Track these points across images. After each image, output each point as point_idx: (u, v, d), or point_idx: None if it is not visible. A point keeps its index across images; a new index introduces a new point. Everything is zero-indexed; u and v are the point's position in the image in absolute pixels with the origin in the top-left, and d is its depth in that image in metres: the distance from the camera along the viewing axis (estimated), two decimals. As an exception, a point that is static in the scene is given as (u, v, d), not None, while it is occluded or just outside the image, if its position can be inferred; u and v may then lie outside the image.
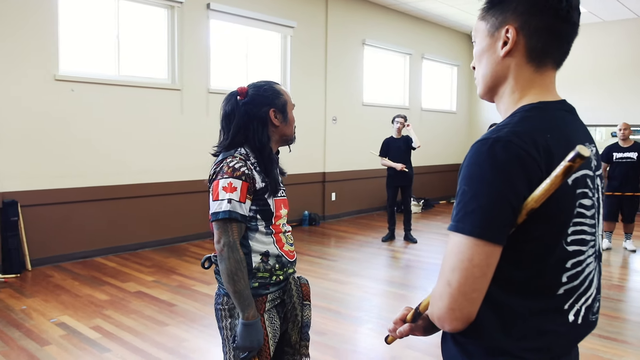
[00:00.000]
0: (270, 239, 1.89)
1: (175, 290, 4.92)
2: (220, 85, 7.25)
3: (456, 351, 1.13)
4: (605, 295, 5.05)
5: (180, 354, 3.55)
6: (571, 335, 1.10)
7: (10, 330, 3.92)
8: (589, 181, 1.08)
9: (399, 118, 7.30)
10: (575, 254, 1.07)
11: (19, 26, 5.38)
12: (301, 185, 8.28)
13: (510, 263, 1.03)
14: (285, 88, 2.01)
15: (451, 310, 1.02)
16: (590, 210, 1.08)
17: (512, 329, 1.05)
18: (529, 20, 1.09)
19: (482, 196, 0.98)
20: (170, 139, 6.68)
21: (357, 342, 3.87)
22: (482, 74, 1.18)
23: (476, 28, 1.20)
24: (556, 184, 0.94)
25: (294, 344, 1.93)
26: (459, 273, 1.00)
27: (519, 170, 0.98)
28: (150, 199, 6.55)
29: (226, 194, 1.77)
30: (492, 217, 0.98)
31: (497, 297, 1.04)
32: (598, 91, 10.53)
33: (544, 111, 1.09)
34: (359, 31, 9.30)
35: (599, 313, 1.18)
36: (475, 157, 1.01)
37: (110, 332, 3.90)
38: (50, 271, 5.50)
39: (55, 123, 5.69)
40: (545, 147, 1.00)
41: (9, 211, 5.33)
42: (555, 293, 1.06)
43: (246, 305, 1.77)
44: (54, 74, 5.63)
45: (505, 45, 1.11)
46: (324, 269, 5.80)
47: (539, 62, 1.11)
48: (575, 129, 1.13)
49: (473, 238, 0.98)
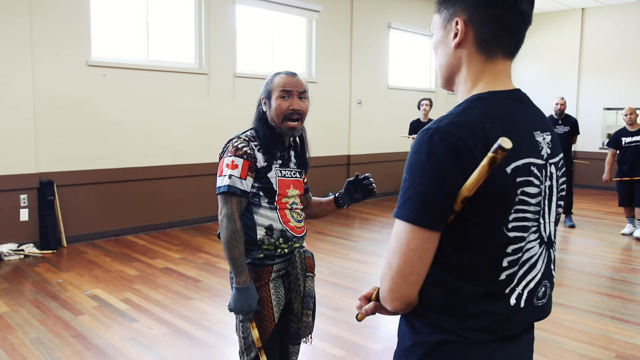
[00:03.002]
0: (275, 214, 2.05)
1: (201, 267, 5.15)
2: (246, 69, 7.41)
3: (406, 327, 1.20)
4: (622, 278, 5.08)
5: (203, 326, 3.77)
6: (515, 318, 1.13)
7: (47, 301, 4.20)
8: (534, 169, 1.10)
9: (425, 100, 7.35)
10: (516, 240, 1.10)
11: (54, 15, 5.62)
12: (326, 167, 8.41)
13: (453, 248, 1.08)
14: (291, 76, 2.07)
15: (391, 291, 1.09)
16: (535, 198, 1.10)
17: (456, 310, 1.09)
18: (476, 12, 1.11)
19: (418, 184, 1.03)
20: (197, 122, 6.89)
21: (371, 318, 4.01)
22: (438, 65, 1.23)
23: (433, 21, 1.23)
24: (483, 174, 0.96)
25: (297, 312, 2.09)
26: (398, 257, 1.06)
27: (454, 160, 1.01)
28: (178, 180, 6.79)
29: (228, 170, 1.97)
30: (426, 205, 1.02)
31: (442, 279, 1.09)
32: (625, 75, 10.38)
33: (490, 101, 1.11)
34: (384, 14, 9.32)
35: (547, 299, 1.20)
36: (417, 147, 1.06)
37: (138, 305, 4.14)
38: (84, 248, 5.80)
39: (88, 107, 5.95)
40: (483, 137, 1.03)
41: (46, 191, 5.62)
42: (497, 278, 1.09)
43: (239, 271, 1.96)
44: (86, 59, 5.88)
45: (456, 36, 1.14)
46: (345, 249, 5.95)
47: (488, 52, 1.14)
48: (523, 118, 1.14)
49: (409, 224, 1.04)
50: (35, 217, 5.66)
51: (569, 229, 7.14)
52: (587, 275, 5.16)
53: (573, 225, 7.26)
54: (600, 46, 10.73)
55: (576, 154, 10.57)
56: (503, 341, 1.13)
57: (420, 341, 1.15)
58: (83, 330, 3.64)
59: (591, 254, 5.95)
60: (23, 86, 5.46)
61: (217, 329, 3.73)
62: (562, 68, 11.08)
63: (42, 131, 5.66)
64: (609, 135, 10.17)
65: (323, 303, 4.10)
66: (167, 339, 3.55)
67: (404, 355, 1.19)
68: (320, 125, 7.78)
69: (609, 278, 5.08)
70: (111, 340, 3.51)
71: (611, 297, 4.52)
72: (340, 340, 3.57)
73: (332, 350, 3.42)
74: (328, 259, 5.49)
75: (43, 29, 5.57)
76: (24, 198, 5.58)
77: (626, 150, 6.73)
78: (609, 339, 3.65)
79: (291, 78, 2.06)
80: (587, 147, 10.71)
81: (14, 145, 5.46)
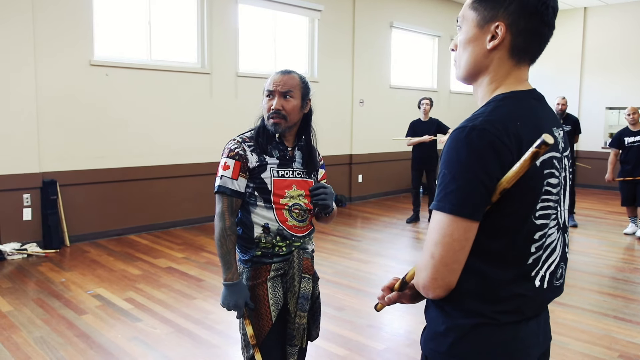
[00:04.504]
0: (271, 214, 2.06)
1: (204, 267, 5.15)
2: (248, 68, 7.41)
3: (437, 313, 1.26)
4: (625, 278, 5.08)
5: (206, 325, 3.78)
6: (539, 298, 1.23)
7: (51, 300, 4.21)
8: (555, 162, 1.21)
9: (425, 100, 7.34)
10: (542, 227, 1.20)
11: (57, 14, 5.63)
12: (328, 167, 8.32)
13: (487, 235, 1.15)
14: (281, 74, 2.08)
15: (434, 279, 1.15)
16: (556, 188, 1.21)
17: (488, 294, 1.18)
18: (517, 21, 1.18)
19: (460, 178, 1.11)
20: (200, 121, 6.90)
21: (374, 317, 4.02)
22: (465, 60, 1.27)
23: (464, 15, 1.26)
24: (525, 167, 1.05)
25: (292, 312, 2.10)
26: (441, 247, 1.13)
27: (492, 155, 1.09)
28: (181, 180, 6.80)
29: (222, 171, 2.06)
30: (468, 197, 1.10)
31: (476, 266, 1.17)
32: (627, 74, 10.36)
33: (515, 100, 1.20)
34: (386, 13, 9.32)
35: (563, 279, 1.31)
36: (454, 144, 1.13)
37: (141, 304, 4.15)
38: (87, 247, 5.81)
39: (91, 106, 5.97)
40: (516, 133, 1.12)
41: (49, 190, 5.63)
42: (525, 262, 1.19)
43: (227, 268, 2.02)
44: (89, 59, 5.89)
45: (493, 39, 1.20)
46: (347, 249, 5.95)
47: (519, 59, 1.22)
48: (543, 116, 1.24)
49: (452, 216, 1.11)
50: (38, 216, 5.67)
51: (571, 229, 7.13)
52: (590, 275, 5.15)
53: (575, 225, 7.26)
54: (602, 45, 10.72)
55: (578, 154, 10.58)
56: (528, 320, 1.23)
57: (453, 325, 1.22)
58: (86, 330, 3.66)
59: (593, 253, 5.94)
60: (26, 85, 5.47)
61: (220, 328, 3.74)
62: (564, 67, 11.07)
63: (45, 130, 5.67)
64: (611, 134, 10.16)
65: (325, 302, 4.10)
66: (170, 338, 3.56)
67: (436, 339, 1.26)
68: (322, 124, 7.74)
69: (612, 278, 5.08)
70: (114, 340, 3.52)
71: (614, 297, 4.52)
72: (343, 340, 3.57)
73: (335, 349, 3.43)
74: (330, 259, 5.50)
75: (46, 28, 5.58)
76: (27, 197, 5.59)
77: (629, 149, 6.72)
78: (611, 339, 3.65)
79: (280, 77, 2.07)
80: (589, 147, 10.70)
81: (17, 145, 5.47)
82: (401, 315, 4.04)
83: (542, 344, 1.29)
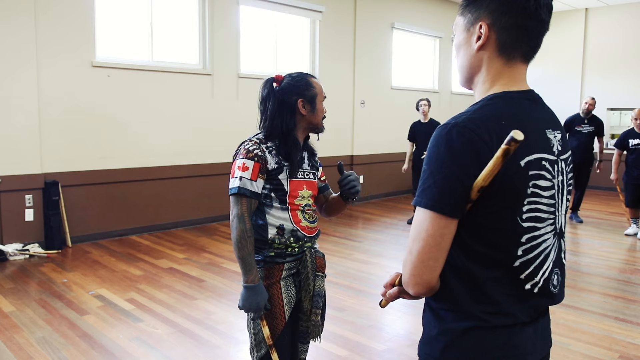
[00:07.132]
0: (286, 215, 2.08)
1: (205, 267, 5.17)
2: (250, 70, 7.43)
3: (431, 316, 1.26)
4: (625, 279, 5.09)
5: (208, 325, 3.79)
6: (530, 303, 1.21)
7: (53, 300, 4.23)
8: (547, 164, 1.18)
9: (423, 101, 7.32)
10: (530, 230, 1.17)
11: (59, 16, 5.65)
12: (329, 167, 8.39)
13: (471, 235, 1.15)
14: (318, 80, 2.18)
15: (412, 276, 1.16)
16: (548, 191, 1.19)
17: (476, 295, 1.17)
18: (499, 18, 1.19)
19: (437, 174, 1.11)
20: (201, 122, 6.91)
21: (375, 317, 4.03)
22: (459, 65, 1.30)
23: (456, 22, 1.30)
24: (498, 164, 1.04)
25: (306, 310, 2.12)
26: (418, 242, 1.14)
27: (471, 152, 1.10)
28: (182, 181, 6.82)
29: (239, 172, 2.02)
30: (444, 193, 1.10)
31: (463, 266, 1.16)
32: (628, 75, 10.36)
33: (505, 100, 1.19)
34: (388, 15, 9.33)
35: (560, 286, 1.28)
36: (435, 140, 1.14)
37: (143, 305, 4.17)
38: (88, 248, 5.83)
39: (93, 108, 5.98)
40: (498, 132, 1.11)
41: (51, 191, 5.65)
42: (512, 264, 1.17)
43: (247, 270, 2.00)
44: (91, 60, 5.91)
45: (479, 39, 1.22)
46: (348, 249, 5.96)
47: (508, 56, 1.22)
48: (537, 117, 1.22)
49: (428, 211, 1.12)
50: (40, 217, 5.69)
51: (572, 229, 7.14)
52: (591, 275, 5.16)
53: (581, 221, 7.42)
54: (603, 46, 10.72)
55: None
56: (522, 325, 1.20)
57: (445, 329, 1.21)
58: (88, 330, 3.67)
59: (594, 254, 5.95)
60: (28, 87, 5.48)
61: (221, 329, 3.75)
62: (566, 68, 11.07)
63: (47, 131, 5.68)
64: (613, 135, 10.17)
65: (327, 303, 4.11)
66: (172, 339, 3.57)
67: (430, 343, 1.25)
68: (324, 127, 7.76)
69: (613, 279, 5.08)
70: (116, 340, 3.53)
71: (614, 298, 4.53)
72: (343, 340, 3.58)
73: (336, 350, 3.44)
74: (331, 259, 5.51)
75: (48, 29, 5.60)
76: (29, 198, 5.61)
77: (633, 152, 6.74)
78: (612, 340, 3.66)
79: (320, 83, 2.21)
80: (590, 147, 10.68)
81: (19, 146, 5.49)
82: (402, 316, 4.05)
83: (540, 350, 1.27)
